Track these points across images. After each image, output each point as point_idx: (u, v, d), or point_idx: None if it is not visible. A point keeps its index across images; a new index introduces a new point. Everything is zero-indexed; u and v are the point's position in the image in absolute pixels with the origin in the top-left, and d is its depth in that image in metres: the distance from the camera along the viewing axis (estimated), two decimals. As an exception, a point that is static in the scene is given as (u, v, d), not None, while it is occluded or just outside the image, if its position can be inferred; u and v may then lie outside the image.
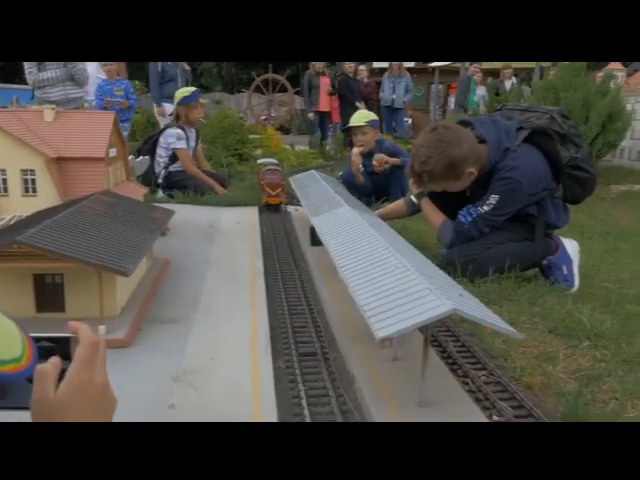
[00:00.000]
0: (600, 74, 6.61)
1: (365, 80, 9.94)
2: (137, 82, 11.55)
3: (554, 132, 2.60)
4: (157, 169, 4.52)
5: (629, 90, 7.03)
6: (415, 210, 2.97)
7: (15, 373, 0.70)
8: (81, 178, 2.44)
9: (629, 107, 6.49)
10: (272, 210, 3.74)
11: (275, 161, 4.53)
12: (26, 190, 2.40)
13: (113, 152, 2.66)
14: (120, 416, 0.79)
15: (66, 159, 2.44)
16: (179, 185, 4.33)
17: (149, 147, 4.62)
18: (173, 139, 4.44)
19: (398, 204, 3.12)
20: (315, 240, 2.55)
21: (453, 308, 1.19)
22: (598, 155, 5.70)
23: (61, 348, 0.79)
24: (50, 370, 0.73)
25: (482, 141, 2.54)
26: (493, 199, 2.48)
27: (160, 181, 4.49)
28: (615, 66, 7.35)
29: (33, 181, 2.39)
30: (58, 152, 2.45)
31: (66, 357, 0.76)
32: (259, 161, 4.72)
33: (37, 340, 0.78)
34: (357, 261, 1.67)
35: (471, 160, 2.44)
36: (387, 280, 1.45)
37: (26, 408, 0.75)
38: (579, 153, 2.67)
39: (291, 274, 2.47)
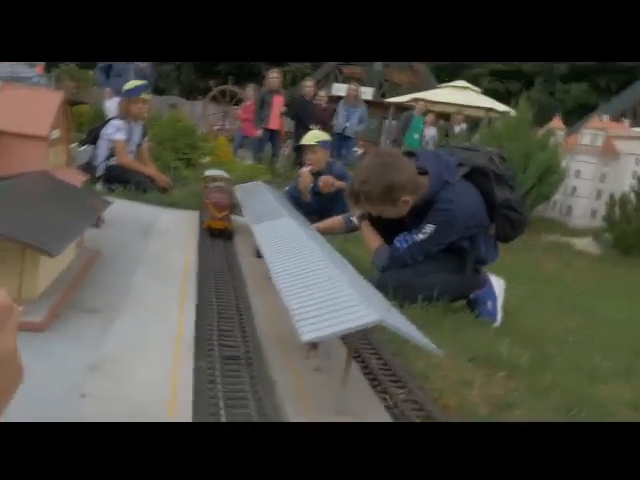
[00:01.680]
0: (542, 130, 7.01)
1: (323, 105, 10.09)
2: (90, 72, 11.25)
3: (492, 172, 2.73)
4: (97, 162, 4.42)
5: (566, 148, 7.48)
6: (351, 228, 3.03)
7: None
8: (20, 155, 2.34)
9: (564, 164, 6.89)
10: (215, 236, 3.07)
11: (226, 175, 3.98)
12: (-45, 160, 2.27)
13: (56, 133, 2.57)
14: (26, 402, 0.75)
15: (6, 133, 2.34)
16: (120, 179, 4.23)
17: (92, 138, 4.52)
18: (113, 129, 4.37)
19: (336, 220, 3.18)
20: (259, 252, 2.54)
21: (380, 319, 1.22)
22: (532, 205, 6.01)
23: None
24: None
25: (423, 172, 2.63)
26: (429, 228, 2.56)
27: (99, 174, 4.37)
28: (556, 124, 7.81)
29: (-35, 152, 2.27)
30: (-3, 126, 2.35)
31: None
32: (207, 172, 3.99)
33: None
34: (291, 269, 1.68)
35: (409, 188, 2.53)
36: (319, 288, 1.47)
37: None
38: (512, 195, 2.81)
39: (224, 280, 2.44)
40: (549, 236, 5.96)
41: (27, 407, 1.10)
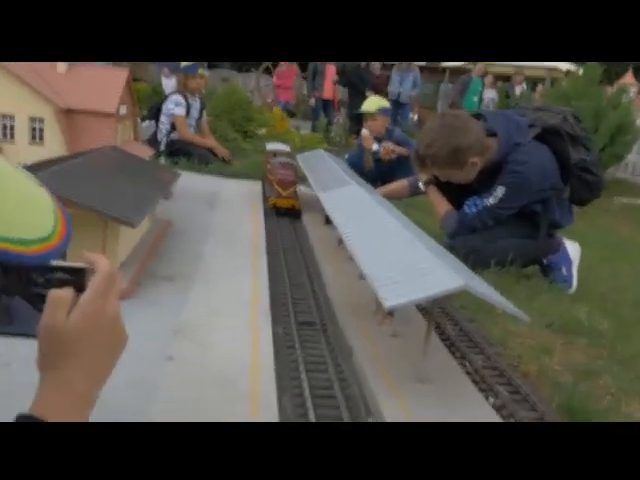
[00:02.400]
0: (613, 87, 6.62)
1: (377, 72, 9.89)
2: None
3: (566, 133, 2.60)
4: (159, 136, 4.51)
5: None
6: (416, 192, 2.97)
7: (45, 253, 0.65)
8: (89, 132, 2.41)
9: (638, 122, 6.50)
10: (281, 214, 2.91)
11: (287, 148, 3.84)
12: (33, 138, 2.36)
13: (123, 110, 2.63)
14: (121, 364, 0.75)
15: (76, 111, 2.41)
16: (182, 152, 4.31)
17: (153, 114, 4.62)
18: (172, 105, 4.45)
19: (400, 184, 3.12)
20: (329, 219, 2.51)
21: (464, 284, 1.18)
22: (604, 166, 5.72)
23: (75, 279, 0.75)
24: (64, 296, 0.68)
25: (492, 134, 2.53)
26: (500, 192, 2.47)
27: (162, 148, 4.46)
28: (628, 80, 7.35)
29: (41, 130, 2.35)
30: (68, 104, 2.42)
31: (80, 288, 0.72)
32: (268, 146, 3.87)
33: (51, 270, 0.75)
34: (366, 235, 1.66)
35: (476, 150, 2.44)
36: (396, 254, 1.44)
37: (32, 335, 0.72)
38: (589, 156, 2.67)
39: (293, 248, 2.46)
40: (622, 199, 5.67)
41: (119, 370, 1.14)
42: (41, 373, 0.68)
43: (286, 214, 2.92)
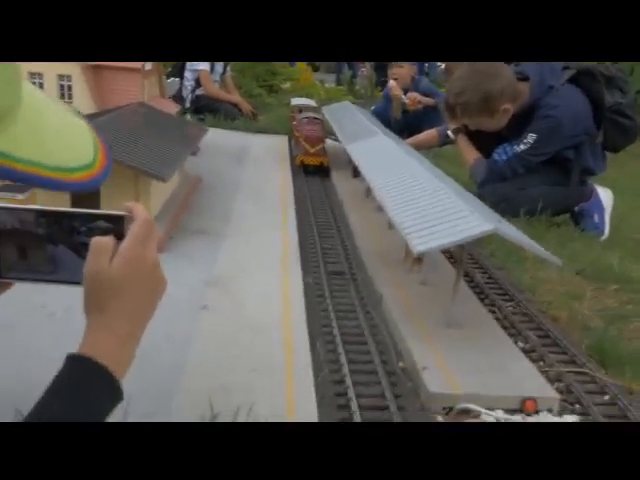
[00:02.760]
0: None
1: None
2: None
3: (600, 74, 2.51)
4: (184, 93, 4.50)
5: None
6: (446, 142, 2.93)
7: (86, 181, 0.67)
8: (117, 88, 2.42)
9: (677, 63, 6.20)
10: (310, 172, 2.84)
11: (313, 103, 3.73)
12: (62, 96, 2.38)
13: (148, 65, 2.62)
14: (156, 313, 0.77)
15: (103, 67, 2.41)
16: (208, 108, 4.30)
17: (177, 71, 4.59)
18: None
19: (430, 133, 3.08)
20: (357, 171, 2.50)
21: (494, 227, 1.18)
22: (638, 111, 5.51)
23: (115, 226, 0.77)
24: (107, 243, 0.71)
25: (524, 79, 2.46)
26: (531, 138, 2.42)
27: (188, 105, 4.46)
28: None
29: (69, 87, 2.37)
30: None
31: (120, 236, 0.74)
32: (293, 102, 3.79)
33: (92, 218, 0.77)
34: (394, 183, 1.66)
35: (508, 96, 2.38)
36: (425, 201, 1.44)
37: (77, 283, 0.75)
38: (624, 99, 2.59)
39: (321, 200, 2.47)
40: (658, 144, 5.49)
41: (156, 318, 1.18)
42: (87, 317, 0.71)
43: (315, 172, 2.85)
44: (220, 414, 0.98)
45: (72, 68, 2.34)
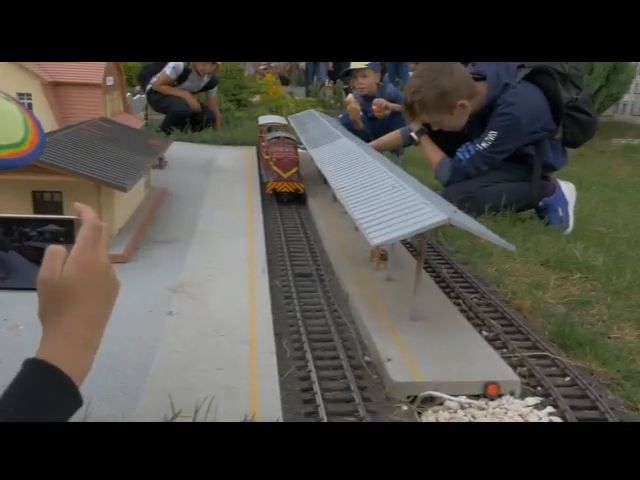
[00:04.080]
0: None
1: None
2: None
3: (555, 71, 2.58)
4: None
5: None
6: (409, 143, 2.96)
7: (15, 158, 0.67)
8: (78, 104, 2.42)
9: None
10: (283, 202, 2.46)
11: (283, 121, 3.39)
12: (23, 115, 2.37)
13: (110, 80, 2.63)
14: (120, 321, 0.76)
15: (62, 84, 2.41)
16: (158, 107, 4.50)
17: (146, 78, 4.68)
18: (169, 68, 4.52)
19: (393, 135, 3.10)
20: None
21: (448, 218, 1.21)
22: (601, 108, 5.65)
23: (65, 230, 0.77)
24: (60, 250, 0.70)
25: (481, 78, 2.52)
26: (491, 135, 2.47)
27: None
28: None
29: (30, 105, 2.36)
30: (54, 77, 2.42)
31: (70, 240, 0.74)
32: (261, 120, 3.43)
33: (43, 223, 0.77)
34: (355, 183, 1.68)
35: (463, 92, 2.43)
36: (384, 198, 1.46)
37: (30, 288, 0.75)
38: (580, 95, 2.65)
39: (288, 206, 2.48)
40: (620, 140, 5.61)
41: (122, 326, 1.18)
42: (43, 324, 0.70)
43: (289, 201, 2.47)
44: (182, 412, 0.98)
45: (31, 86, 2.34)
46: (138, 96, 4.66)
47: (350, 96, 4.13)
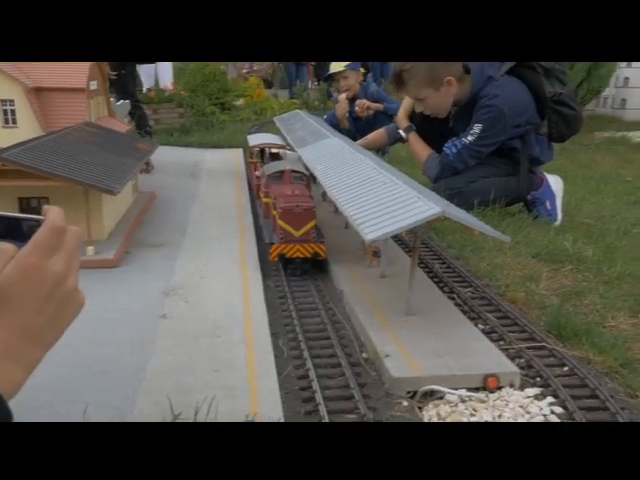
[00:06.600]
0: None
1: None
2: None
3: (539, 65, 2.59)
4: None
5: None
6: (396, 140, 2.96)
7: None
8: (62, 109, 2.39)
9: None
10: (295, 272, 1.70)
11: (279, 140, 2.67)
12: (6, 122, 2.34)
13: (94, 85, 2.59)
14: (113, 324, 0.74)
15: (46, 89, 2.38)
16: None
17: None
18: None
19: (379, 133, 3.10)
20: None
21: (441, 210, 1.20)
22: (582, 102, 5.69)
23: (31, 232, 0.69)
24: (9, 249, 0.60)
25: (466, 71, 2.53)
26: (477, 128, 2.48)
27: None
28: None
29: (13, 112, 2.33)
30: (37, 82, 2.38)
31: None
32: (251, 140, 2.68)
33: (13, 222, 0.70)
34: (345, 181, 1.67)
35: (453, 70, 2.44)
36: (376, 194, 1.46)
37: None
38: (564, 89, 2.67)
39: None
40: (603, 133, 5.66)
41: (115, 330, 1.16)
42: None
43: (304, 271, 1.72)
44: (181, 415, 0.96)
45: (14, 92, 2.30)
46: (122, 101, 4.61)
47: (342, 95, 4.12)
